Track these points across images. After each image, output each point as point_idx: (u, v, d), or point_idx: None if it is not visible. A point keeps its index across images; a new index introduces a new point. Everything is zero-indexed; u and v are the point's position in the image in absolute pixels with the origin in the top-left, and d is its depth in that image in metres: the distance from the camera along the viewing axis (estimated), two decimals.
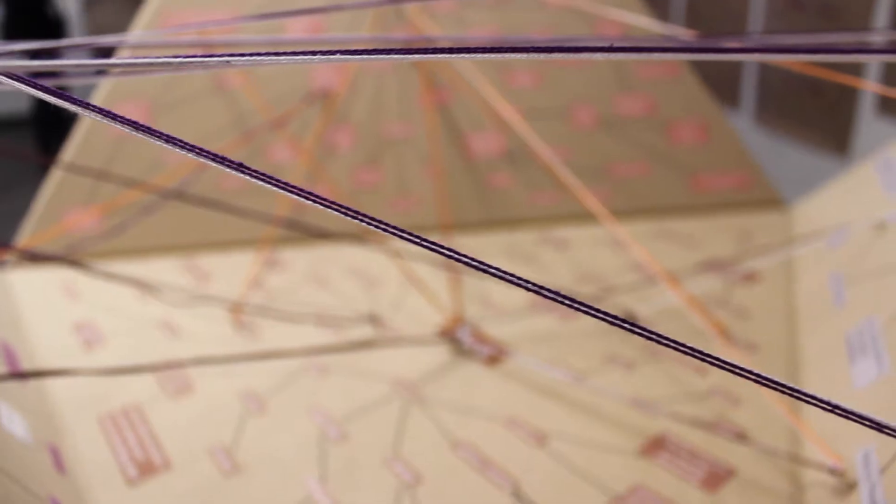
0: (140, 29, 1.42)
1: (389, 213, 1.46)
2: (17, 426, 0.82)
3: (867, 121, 2.64)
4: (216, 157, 0.37)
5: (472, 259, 0.39)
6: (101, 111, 0.36)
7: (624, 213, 1.47)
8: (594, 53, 0.34)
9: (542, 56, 0.34)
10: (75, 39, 1.36)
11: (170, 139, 0.36)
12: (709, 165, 1.55)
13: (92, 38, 0.65)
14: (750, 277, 1.27)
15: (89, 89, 1.56)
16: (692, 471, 0.84)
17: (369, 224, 0.38)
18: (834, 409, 0.45)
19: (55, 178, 1.39)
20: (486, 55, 0.33)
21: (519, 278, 0.39)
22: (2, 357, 0.97)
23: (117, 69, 0.31)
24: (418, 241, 0.38)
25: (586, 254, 1.37)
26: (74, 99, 0.38)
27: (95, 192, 1.39)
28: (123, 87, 1.42)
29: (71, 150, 1.39)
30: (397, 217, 1.46)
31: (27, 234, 1.39)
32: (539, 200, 1.51)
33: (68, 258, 1.31)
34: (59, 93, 0.37)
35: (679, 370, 1.02)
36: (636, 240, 1.28)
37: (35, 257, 1.29)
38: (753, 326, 1.13)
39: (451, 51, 0.34)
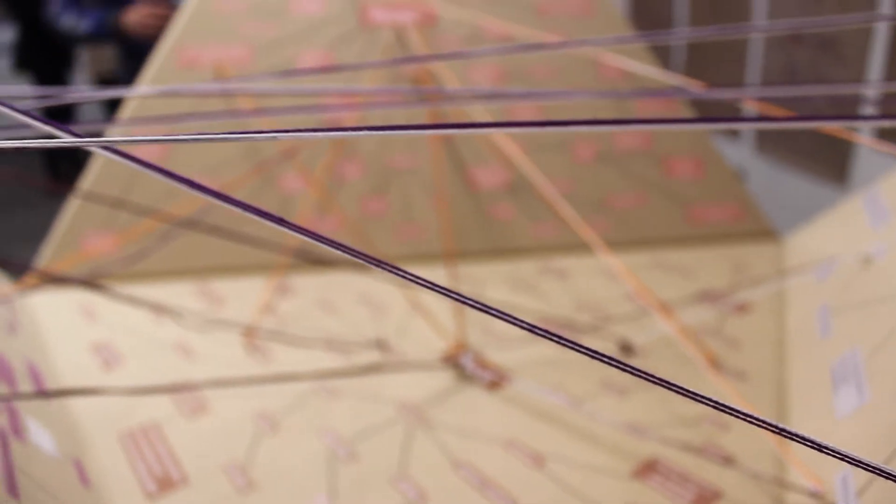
0: (157, 63, 1.48)
1: (395, 241, 1.52)
2: (46, 441, 0.87)
3: (866, 151, 2.69)
4: (260, 212, 0.42)
5: (469, 299, 0.44)
6: (155, 168, 0.42)
7: (622, 243, 1.53)
8: (596, 126, 0.39)
9: (536, 130, 0.39)
10: (119, 91, 1.42)
11: (218, 195, 0.41)
12: (704, 198, 1.61)
13: (123, 90, 0.71)
14: (742, 308, 1.32)
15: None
16: (682, 493, 0.89)
17: (378, 266, 0.43)
18: (811, 444, 0.49)
19: (74, 202, 1.45)
20: (484, 131, 0.38)
21: (512, 317, 0.43)
22: (28, 376, 1.02)
23: (169, 142, 0.35)
24: (421, 281, 0.43)
25: (585, 283, 1.43)
26: (130, 156, 0.43)
27: (113, 216, 1.45)
28: (140, 117, 1.48)
29: (90, 175, 1.45)
30: (402, 244, 1.52)
31: (47, 258, 1.44)
32: (540, 231, 1.56)
33: (88, 281, 1.36)
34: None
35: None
36: (634, 270, 1.33)
37: (57, 280, 1.35)
38: (743, 356, 1.18)
39: (458, 126, 0.40)
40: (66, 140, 0.38)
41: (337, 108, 1.47)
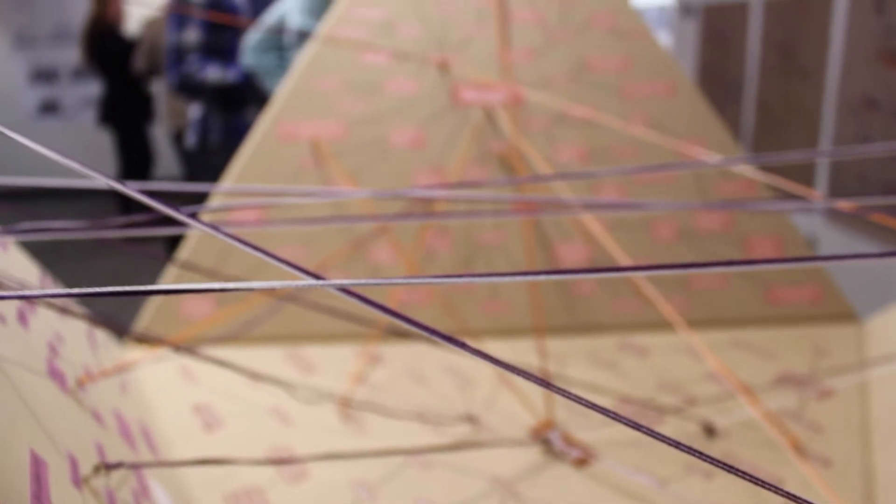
0: (257, 136, 1.57)
1: (481, 314, 1.57)
2: (166, 502, 0.93)
3: None
4: (408, 319, 0.47)
5: (556, 387, 0.49)
6: (258, 249, 0.47)
7: (701, 322, 1.55)
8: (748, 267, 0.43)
9: (684, 271, 0.44)
10: (243, 204, 1.51)
11: (360, 298, 0.47)
12: (783, 279, 1.63)
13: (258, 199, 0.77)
14: (824, 393, 1.33)
15: None
16: None
17: (467, 350, 0.47)
18: None
19: (172, 269, 1.53)
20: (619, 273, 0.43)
21: (599, 407, 0.47)
22: (142, 435, 1.08)
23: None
24: (507, 366, 0.48)
25: (665, 361, 1.45)
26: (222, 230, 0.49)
27: (211, 281, 1.53)
28: (237, 190, 1.56)
29: (188, 244, 1.54)
30: (488, 318, 1.57)
31: (146, 320, 1.52)
32: (620, 308, 1.60)
33: (188, 347, 1.44)
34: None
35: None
36: (713, 348, 1.35)
37: (159, 343, 1.42)
38: (827, 442, 1.19)
39: (585, 271, 0.45)
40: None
41: (440, 216, 1.53)
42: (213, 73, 2.71)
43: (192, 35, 2.72)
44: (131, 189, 0.60)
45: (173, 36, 2.76)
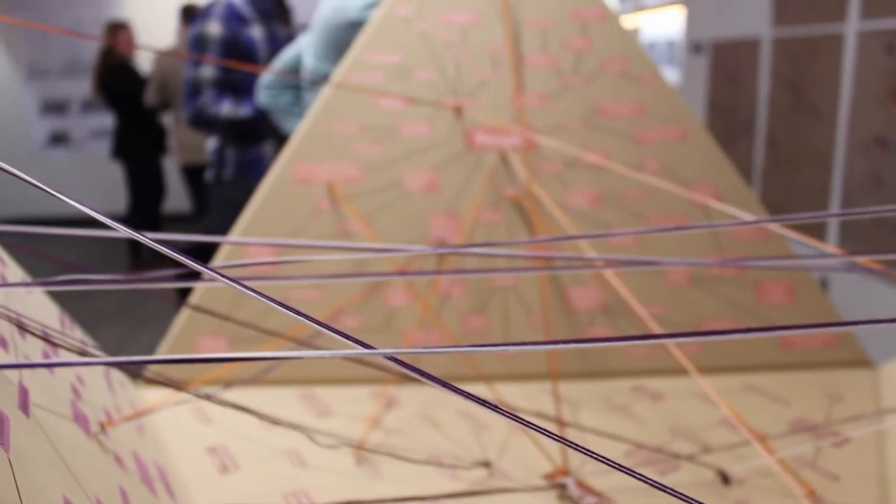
0: (272, 179, 1.59)
1: (494, 359, 1.57)
2: None
3: None
4: (429, 374, 0.48)
5: (569, 441, 0.50)
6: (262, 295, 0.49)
7: (713, 368, 1.56)
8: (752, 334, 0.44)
9: (711, 338, 0.45)
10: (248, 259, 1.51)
11: (333, 330, 0.48)
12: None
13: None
14: (839, 440, 1.33)
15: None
16: None
17: (480, 403, 0.48)
18: None
19: (186, 310, 1.55)
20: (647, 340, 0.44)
21: (616, 463, 0.48)
22: (160, 478, 1.09)
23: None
24: (520, 418, 0.49)
25: (679, 406, 1.46)
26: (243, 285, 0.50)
27: (225, 321, 1.54)
28: (253, 230, 1.58)
29: (201, 287, 1.55)
30: (502, 362, 1.57)
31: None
32: (633, 353, 1.60)
33: (204, 391, 1.44)
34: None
35: None
36: (725, 392, 1.35)
37: (174, 386, 1.43)
38: (844, 491, 1.19)
39: (615, 340, 0.46)
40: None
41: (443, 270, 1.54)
42: (226, 109, 2.79)
43: (208, 70, 2.79)
44: (153, 240, 0.62)
45: (190, 71, 2.83)
